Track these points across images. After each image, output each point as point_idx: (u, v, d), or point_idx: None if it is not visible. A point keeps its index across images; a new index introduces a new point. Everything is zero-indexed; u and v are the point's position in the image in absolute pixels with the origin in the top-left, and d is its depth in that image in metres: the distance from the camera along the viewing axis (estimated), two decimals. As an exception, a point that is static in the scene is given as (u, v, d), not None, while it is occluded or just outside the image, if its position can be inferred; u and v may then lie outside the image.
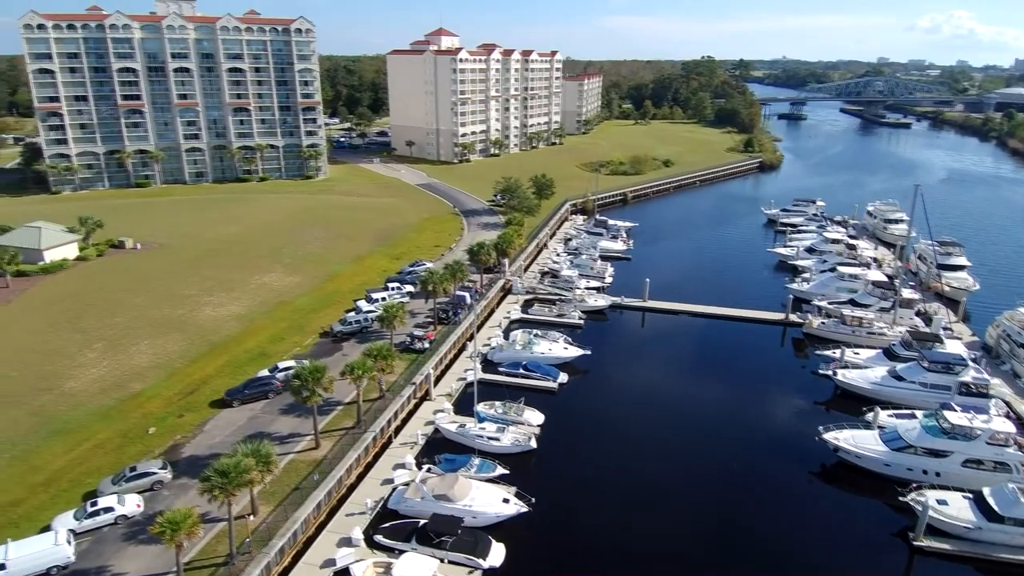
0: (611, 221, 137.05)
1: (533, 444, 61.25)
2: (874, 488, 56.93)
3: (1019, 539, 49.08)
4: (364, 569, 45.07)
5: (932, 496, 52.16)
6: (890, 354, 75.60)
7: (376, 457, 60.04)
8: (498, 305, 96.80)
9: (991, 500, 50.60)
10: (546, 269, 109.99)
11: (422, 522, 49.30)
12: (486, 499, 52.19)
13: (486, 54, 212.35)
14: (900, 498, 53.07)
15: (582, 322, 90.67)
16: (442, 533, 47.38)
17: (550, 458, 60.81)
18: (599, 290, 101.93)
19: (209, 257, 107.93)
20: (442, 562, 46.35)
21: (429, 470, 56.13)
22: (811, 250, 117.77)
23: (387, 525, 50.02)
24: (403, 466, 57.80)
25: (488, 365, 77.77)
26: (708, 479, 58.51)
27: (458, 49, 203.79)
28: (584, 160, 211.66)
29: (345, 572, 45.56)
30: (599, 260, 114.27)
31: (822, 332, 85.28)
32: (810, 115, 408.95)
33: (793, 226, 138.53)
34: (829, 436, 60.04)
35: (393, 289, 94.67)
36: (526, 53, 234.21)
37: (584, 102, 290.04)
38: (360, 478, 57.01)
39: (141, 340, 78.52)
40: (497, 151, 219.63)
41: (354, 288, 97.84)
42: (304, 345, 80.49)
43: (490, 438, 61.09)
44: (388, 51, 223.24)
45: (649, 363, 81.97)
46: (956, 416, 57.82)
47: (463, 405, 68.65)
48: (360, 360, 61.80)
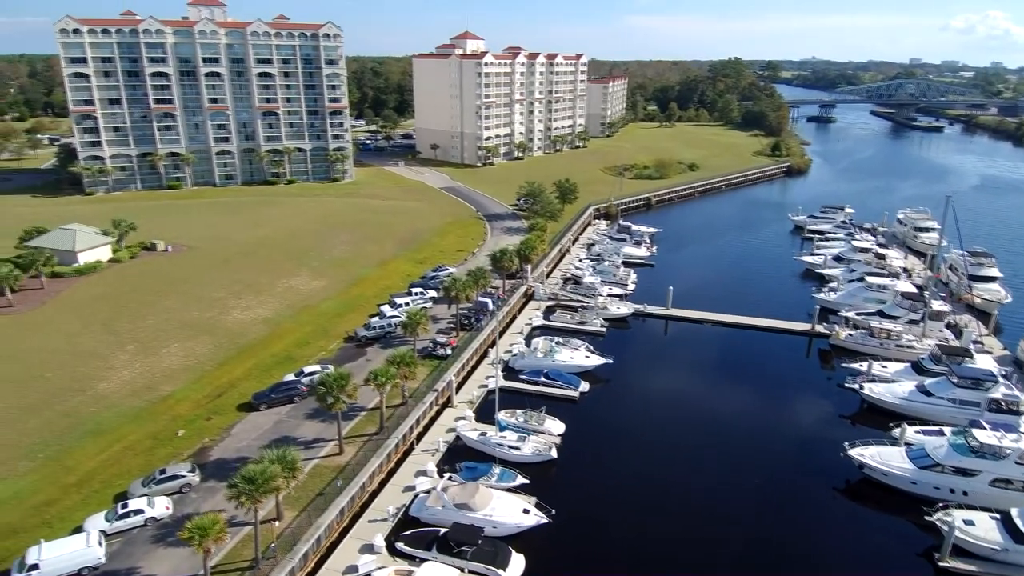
0: (634, 226, 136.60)
1: (554, 454, 61.45)
2: (899, 506, 56.15)
3: (1048, 562, 48.15)
4: (386, 576, 45.73)
5: (959, 516, 51.32)
6: (919, 368, 74.41)
7: (398, 464, 60.77)
8: (520, 311, 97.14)
9: (1019, 521, 49.60)
10: (568, 275, 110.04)
11: (443, 531, 49.84)
12: (506, 509, 52.55)
13: (511, 58, 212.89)
14: (926, 517, 52.26)
15: (604, 330, 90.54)
16: (463, 543, 47.85)
17: (570, 468, 60.95)
18: (622, 297, 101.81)
19: (238, 260, 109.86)
20: (462, 572, 46.81)
21: (450, 478, 56.73)
22: (839, 259, 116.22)
23: (408, 533, 50.64)
24: (425, 473, 58.47)
25: (509, 372, 78.15)
26: (731, 493, 58.14)
27: (483, 53, 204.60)
28: (608, 163, 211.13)
29: (367, 578, 46.26)
30: (622, 266, 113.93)
31: (849, 344, 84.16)
32: (840, 118, 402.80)
33: (821, 233, 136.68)
34: (854, 452, 59.35)
35: (416, 294, 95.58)
36: (551, 56, 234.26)
37: (609, 105, 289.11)
38: (382, 484, 57.76)
39: (171, 342, 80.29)
40: (521, 154, 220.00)
41: (378, 292, 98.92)
42: (329, 349, 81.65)
43: (511, 447, 61.45)
44: (414, 52, 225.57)
45: (672, 373, 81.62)
46: (985, 434, 56.76)
47: (484, 412, 69.07)
48: (384, 368, 62.57)
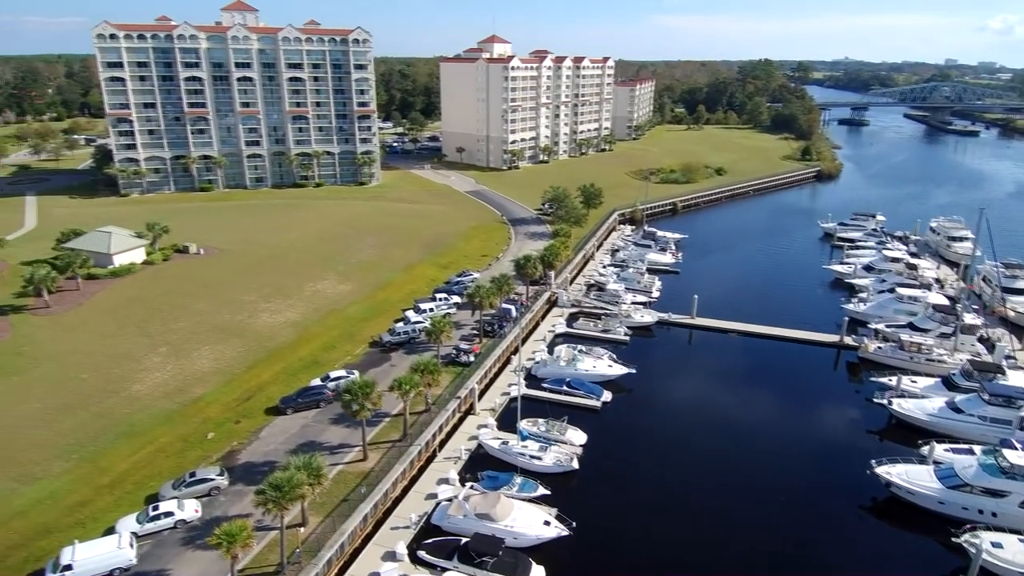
0: (659, 232, 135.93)
1: (575, 465, 61.62)
2: (926, 526, 55.35)
3: (1080, 589, 47.08)
4: (407, 585, 46.40)
5: (987, 538, 50.48)
6: (949, 384, 73.08)
7: (421, 471, 61.47)
8: (543, 318, 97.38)
9: (1051, 546, 48.64)
10: (592, 281, 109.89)
11: (464, 540, 50.36)
12: (527, 520, 52.91)
13: (538, 61, 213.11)
14: (953, 538, 51.54)
15: (627, 338, 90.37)
16: (483, 553, 48.30)
17: (592, 480, 61.09)
18: (646, 305, 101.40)
19: (267, 263, 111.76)
20: (483, 582, 47.29)
21: (472, 487, 57.23)
22: (869, 268, 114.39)
23: (430, 541, 51.25)
24: (447, 481, 59.09)
25: (532, 380, 78.45)
26: (754, 508, 57.74)
27: (510, 57, 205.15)
28: (634, 167, 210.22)
29: (389, 587, 46.99)
30: (646, 273, 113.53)
31: (878, 357, 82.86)
32: (872, 121, 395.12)
33: (851, 241, 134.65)
34: (881, 471, 58.53)
35: (440, 300, 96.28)
36: (578, 60, 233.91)
37: (635, 107, 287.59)
38: (405, 491, 58.52)
39: (202, 345, 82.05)
40: (546, 158, 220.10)
41: (403, 297, 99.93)
42: (354, 354, 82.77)
43: (532, 457, 61.76)
44: (442, 53, 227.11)
45: (696, 384, 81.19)
46: (1016, 455, 55.71)
47: (506, 420, 69.50)
48: (408, 376, 63.34)
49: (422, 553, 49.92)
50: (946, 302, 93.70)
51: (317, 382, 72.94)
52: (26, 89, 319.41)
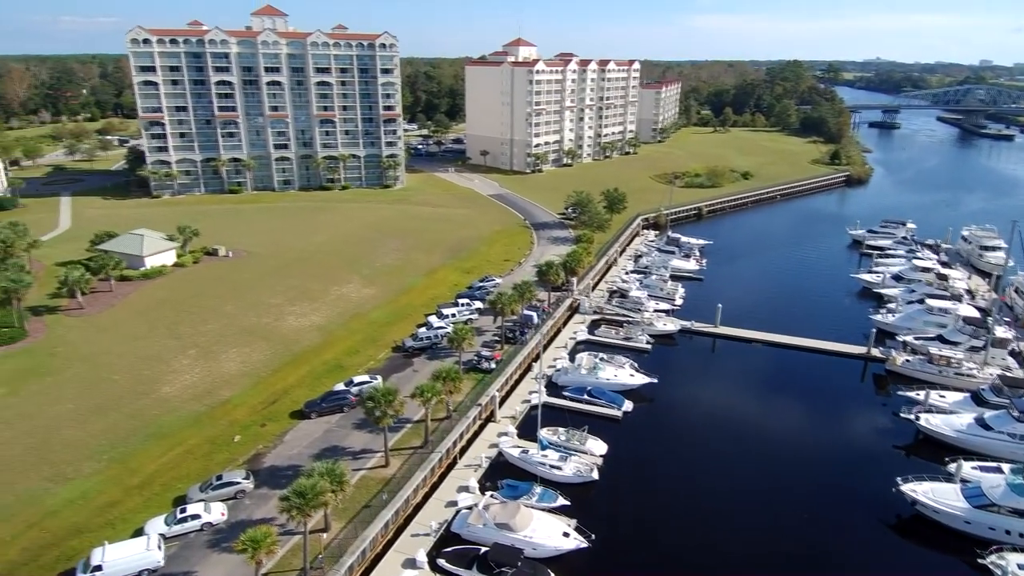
0: (683, 238, 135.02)
1: (595, 475, 61.68)
2: (952, 546, 54.50)
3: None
4: (427, 594, 46.93)
5: (1013, 560, 49.68)
6: (978, 399, 71.68)
7: (441, 478, 62.01)
8: (565, 324, 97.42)
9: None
10: (614, 288, 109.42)
11: (483, 550, 50.75)
12: (547, 531, 53.12)
13: (563, 65, 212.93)
14: (979, 559, 50.73)
15: (649, 347, 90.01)
16: (503, 564, 48.64)
17: (612, 491, 61.10)
18: (669, 312, 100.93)
19: (294, 265, 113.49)
20: (502, 593, 47.63)
21: (492, 496, 57.55)
22: (898, 278, 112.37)
23: (450, 550, 51.75)
24: (467, 489, 59.53)
25: (553, 388, 78.61)
26: (777, 523, 57.30)
27: (535, 60, 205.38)
28: (658, 171, 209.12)
29: (409, 594, 47.59)
30: (669, 280, 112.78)
31: (906, 370, 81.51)
32: (904, 123, 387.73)
33: (880, 249, 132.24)
34: (907, 488, 57.69)
35: (463, 305, 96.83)
36: (603, 63, 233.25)
37: (661, 110, 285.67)
38: (426, 498, 59.11)
39: (230, 348, 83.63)
40: (570, 161, 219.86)
41: (426, 302, 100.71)
42: (377, 359, 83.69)
43: (552, 466, 61.93)
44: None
45: (719, 395, 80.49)
46: (1048, 476, 54.47)
47: (527, 428, 69.78)
48: (429, 384, 63.94)
49: (442, 561, 50.44)
50: (977, 314, 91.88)
51: (341, 387, 73.87)
52: (61, 89, 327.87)
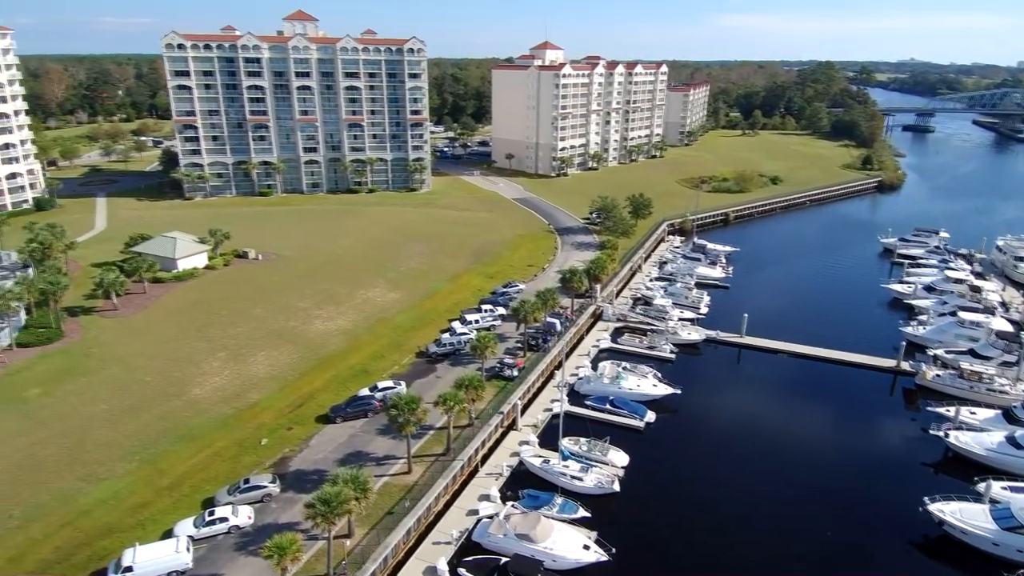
0: (709, 245, 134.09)
1: (616, 487, 61.62)
2: (979, 568, 53.59)
3: None
4: (447, 602, 47.44)
5: (1047, 586, 48.42)
6: (1010, 417, 70.18)
7: (463, 485, 62.56)
8: (588, 332, 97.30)
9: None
10: (639, 295, 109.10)
11: (504, 560, 51.14)
12: (567, 543, 53.28)
13: (590, 68, 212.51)
14: (1009, 584, 49.64)
15: (673, 356, 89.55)
16: (523, 575, 48.91)
17: (633, 503, 60.95)
18: (693, 321, 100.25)
19: (321, 269, 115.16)
20: (521, 604, 47.94)
21: (512, 505, 57.88)
22: (930, 289, 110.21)
23: (471, 559, 52.24)
24: (488, 498, 59.93)
25: (575, 396, 78.67)
26: (800, 539, 56.77)
27: (562, 64, 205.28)
28: (685, 175, 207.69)
29: (430, 603, 48.16)
30: (695, 288, 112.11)
31: (936, 385, 79.99)
32: (938, 127, 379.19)
33: (912, 259, 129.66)
34: (934, 508, 56.75)
35: (486, 311, 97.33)
36: (630, 66, 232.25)
37: (688, 113, 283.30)
38: (447, 506, 59.70)
39: (259, 351, 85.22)
40: (595, 165, 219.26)
41: (450, 307, 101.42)
42: (402, 364, 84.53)
43: (573, 477, 62.06)
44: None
45: (743, 407, 79.61)
46: (1082, 499, 53.14)
47: (548, 436, 69.96)
48: (452, 392, 64.50)
49: (462, 570, 50.96)
50: (1010, 328, 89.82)
51: (365, 392, 74.81)
52: (98, 90, 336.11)
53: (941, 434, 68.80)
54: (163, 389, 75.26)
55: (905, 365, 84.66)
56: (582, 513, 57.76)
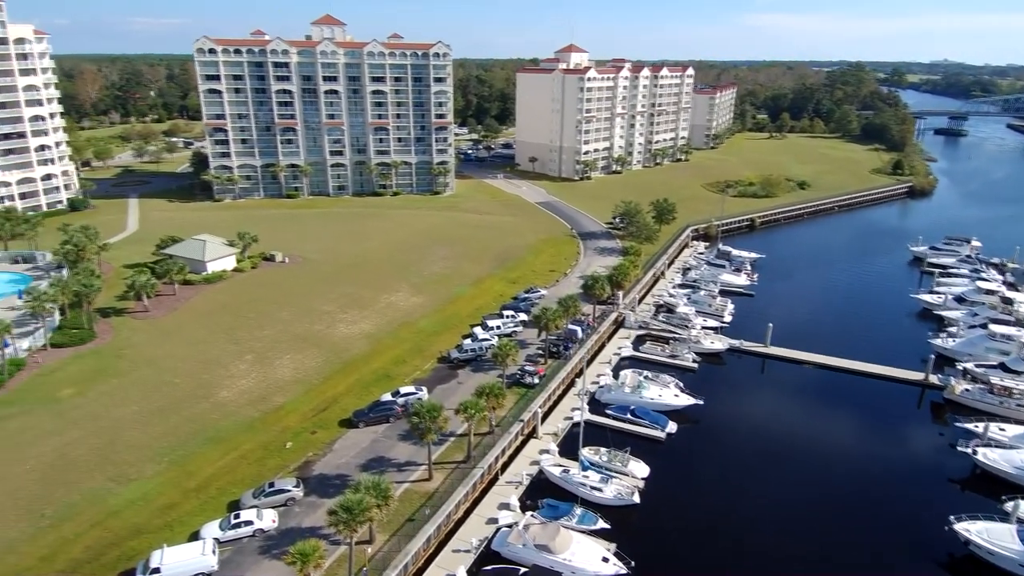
0: (734, 251, 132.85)
1: (636, 499, 61.54)
2: (1009, 592, 52.42)
3: None
4: (466, 612, 47.87)
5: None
6: (1042, 435, 68.57)
7: (483, 493, 62.99)
8: (609, 339, 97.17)
9: None
10: (661, 303, 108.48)
11: (523, 570, 51.50)
12: (586, 555, 53.42)
13: (615, 71, 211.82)
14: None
15: (696, 365, 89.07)
16: (541, 586, 49.24)
17: (653, 516, 60.84)
18: (717, 330, 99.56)
19: (346, 272, 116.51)
20: (539, 615, 48.20)
21: (532, 515, 58.17)
22: (961, 299, 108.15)
23: (490, 568, 52.65)
24: (507, 507, 60.31)
25: (595, 405, 78.62)
26: (823, 556, 56.12)
27: (586, 67, 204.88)
28: (710, 179, 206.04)
29: (449, 611, 48.65)
30: (719, 296, 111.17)
31: (965, 400, 78.53)
32: (971, 131, 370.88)
33: (942, 268, 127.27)
34: (960, 527, 55.80)
35: (507, 317, 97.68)
36: (655, 69, 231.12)
37: (714, 115, 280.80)
38: (467, 514, 60.15)
39: (284, 354, 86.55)
40: (619, 168, 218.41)
41: (471, 312, 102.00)
42: (424, 369, 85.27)
43: (593, 488, 62.12)
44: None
45: (767, 419, 78.80)
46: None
47: (568, 445, 70.11)
48: (473, 400, 65.03)
49: (481, 580, 51.37)
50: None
51: (388, 397, 75.62)
52: (130, 91, 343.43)
53: (969, 451, 67.62)
54: (192, 391, 76.82)
55: (933, 378, 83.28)
56: (601, 524, 57.83)
